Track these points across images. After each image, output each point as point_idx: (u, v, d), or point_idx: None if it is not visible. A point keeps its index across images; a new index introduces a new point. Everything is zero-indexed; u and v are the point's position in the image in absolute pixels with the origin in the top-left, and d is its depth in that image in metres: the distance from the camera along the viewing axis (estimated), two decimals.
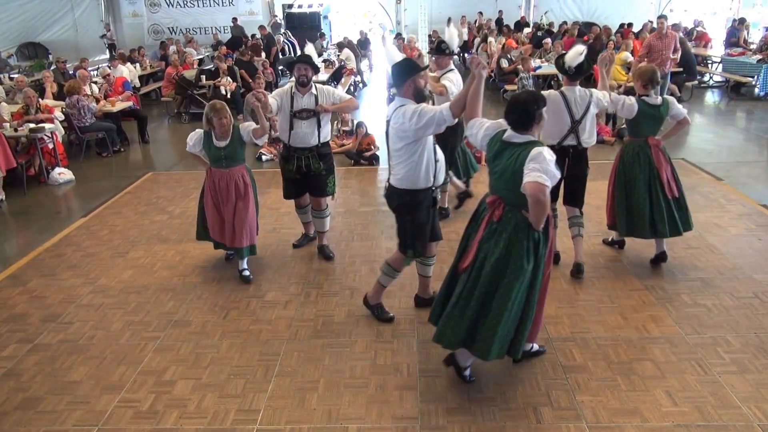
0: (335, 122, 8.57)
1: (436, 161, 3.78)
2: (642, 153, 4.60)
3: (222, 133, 4.65)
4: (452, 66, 5.56)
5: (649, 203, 4.57)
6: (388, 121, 3.75)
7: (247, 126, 4.69)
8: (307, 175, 4.92)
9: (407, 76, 3.60)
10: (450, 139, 5.37)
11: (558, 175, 2.92)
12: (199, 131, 4.78)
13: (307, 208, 5.25)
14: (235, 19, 17.94)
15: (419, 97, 3.63)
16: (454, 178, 5.94)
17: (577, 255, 4.72)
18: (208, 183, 4.81)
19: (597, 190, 5.87)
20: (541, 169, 2.84)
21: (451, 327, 3.20)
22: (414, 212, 3.82)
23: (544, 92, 4.34)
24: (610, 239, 5.29)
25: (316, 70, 4.97)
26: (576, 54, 4.33)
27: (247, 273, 4.85)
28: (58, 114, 8.15)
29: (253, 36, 15.97)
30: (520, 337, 3.19)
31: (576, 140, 4.46)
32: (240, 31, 17.07)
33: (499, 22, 17.97)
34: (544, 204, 2.87)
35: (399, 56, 3.86)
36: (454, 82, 5.30)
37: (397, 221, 3.94)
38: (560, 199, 4.75)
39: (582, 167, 4.58)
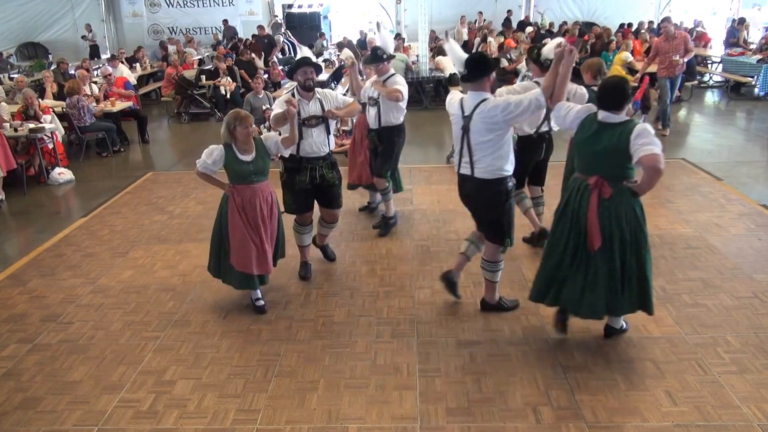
0: (335, 122, 8.56)
1: None
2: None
3: (247, 146, 4.10)
4: (392, 70, 5.44)
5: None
6: (467, 117, 3.74)
7: (272, 136, 4.26)
8: (318, 187, 4.61)
9: (488, 71, 3.72)
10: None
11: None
12: (217, 147, 4.13)
13: (310, 226, 4.83)
14: (225, 21, 17.95)
15: (493, 90, 3.87)
16: None
17: (539, 225, 5.14)
18: (235, 203, 4.12)
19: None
20: (652, 142, 3.18)
21: (602, 298, 3.51)
22: (508, 198, 3.89)
23: (520, 84, 4.60)
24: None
25: (320, 71, 4.86)
26: (554, 46, 4.30)
27: (261, 302, 4.40)
28: (47, 118, 8.09)
29: (253, 36, 15.96)
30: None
31: (548, 126, 4.77)
32: (232, 33, 17.05)
33: (507, 22, 17.88)
34: (661, 172, 3.21)
35: (463, 53, 3.87)
36: (403, 85, 5.24)
37: (489, 213, 3.95)
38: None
39: (551, 150, 4.99)
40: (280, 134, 4.31)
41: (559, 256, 3.59)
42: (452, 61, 3.99)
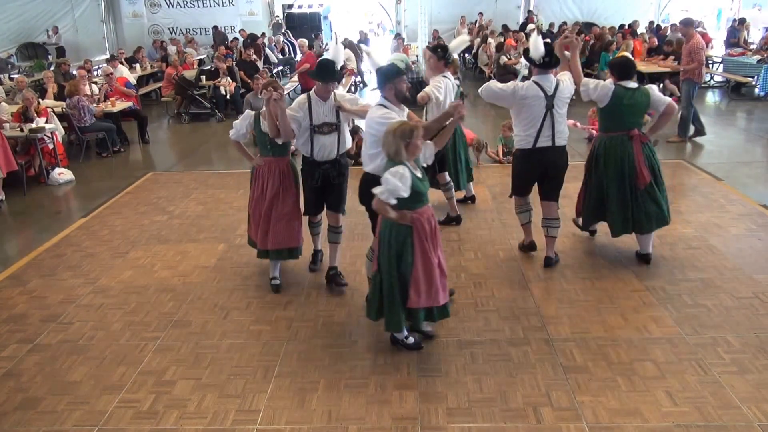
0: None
1: None
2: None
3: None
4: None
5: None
6: (551, 96, 4.46)
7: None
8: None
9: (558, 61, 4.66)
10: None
11: None
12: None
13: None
14: (215, 27, 17.95)
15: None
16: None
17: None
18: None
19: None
20: (663, 95, 4.70)
21: (651, 220, 4.67)
22: None
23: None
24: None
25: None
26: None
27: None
28: (40, 120, 8.07)
29: (254, 36, 15.98)
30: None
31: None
32: (221, 38, 17.05)
33: (523, 26, 17.75)
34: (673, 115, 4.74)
35: (542, 46, 4.46)
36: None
37: (562, 174, 4.72)
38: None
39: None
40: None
41: (606, 193, 4.70)
42: (534, 49, 4.49)
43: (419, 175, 3.48)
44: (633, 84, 4.62)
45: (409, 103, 3.99)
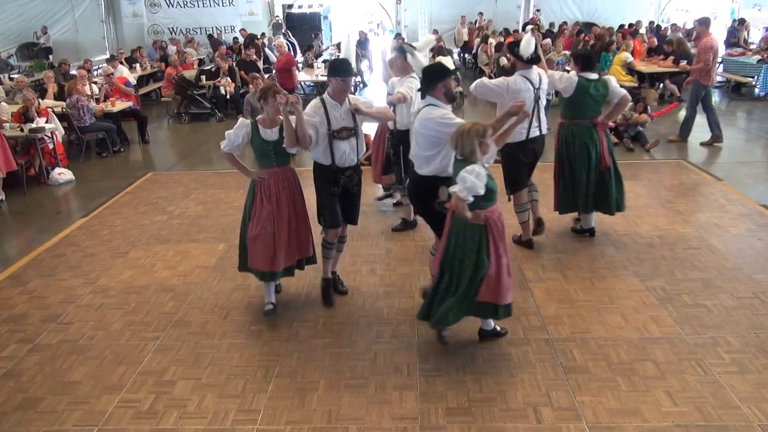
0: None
1: None
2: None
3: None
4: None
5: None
6: (538, 88, 4.75)
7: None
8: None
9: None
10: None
11: None
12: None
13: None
14: (210, 36, 17.93)
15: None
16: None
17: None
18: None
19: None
20: (619, 87, 5.03)
21: (611, 202, 5.15)
22: None
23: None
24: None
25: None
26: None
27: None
28: (40, 121, 8.07)
29: (252, 36, 15.96)
30: None
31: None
32: (217, 45, 17.04)
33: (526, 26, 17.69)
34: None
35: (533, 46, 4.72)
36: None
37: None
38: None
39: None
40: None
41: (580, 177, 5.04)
42: (525, 47, 4.68)
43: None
44: (594, 75, 4.95)
45: (452, 101, 4.00)
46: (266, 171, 4.09)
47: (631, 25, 15.97)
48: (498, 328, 3.91)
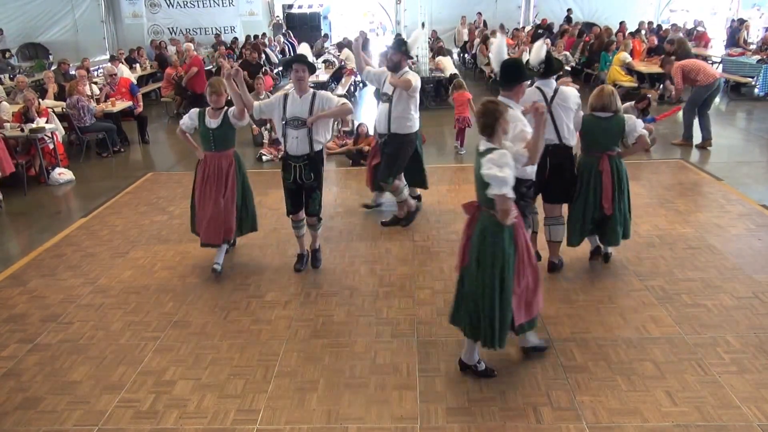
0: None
1: None
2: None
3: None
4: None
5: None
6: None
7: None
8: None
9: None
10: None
11: None
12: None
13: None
14: (217, 36, 17.94)
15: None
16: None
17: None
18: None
19: None
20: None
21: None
22: None
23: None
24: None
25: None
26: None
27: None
28: (41, 121, 8.05)
29: (254, 36, 15.96)
30: None
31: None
32: (218, 45, 17.06)
33: (568, 20, 17.57)
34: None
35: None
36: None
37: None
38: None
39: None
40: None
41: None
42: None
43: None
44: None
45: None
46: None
47: (623, 22, 15.91)
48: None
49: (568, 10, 18.10)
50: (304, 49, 4.93)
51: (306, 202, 4.81)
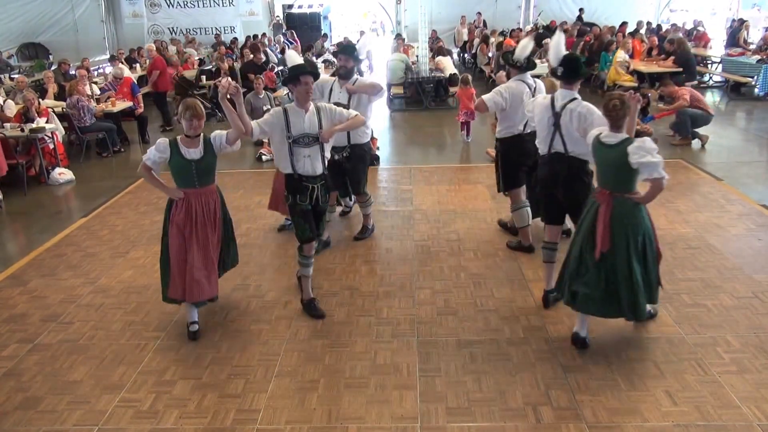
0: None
1: None
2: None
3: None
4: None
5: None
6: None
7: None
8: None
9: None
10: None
11: None
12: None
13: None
14: (217, 36, 17.92)
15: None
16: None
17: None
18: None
19: None
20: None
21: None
22: None
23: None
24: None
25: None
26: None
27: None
28: (41, 121, 8.05)
29: (254, 35, 15.96)
30: None
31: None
32: (217, 46, 17.06)
33: (579, 19, 17.51)
34: None
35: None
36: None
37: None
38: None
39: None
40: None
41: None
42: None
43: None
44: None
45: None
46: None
47: (625, 23, 15.92)
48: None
49: (580, 9, 18.03)
50: (293, 57, 4.34)
51: (318, 224, 4.22)
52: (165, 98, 10.91)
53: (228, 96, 3.74)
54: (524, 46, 4.78)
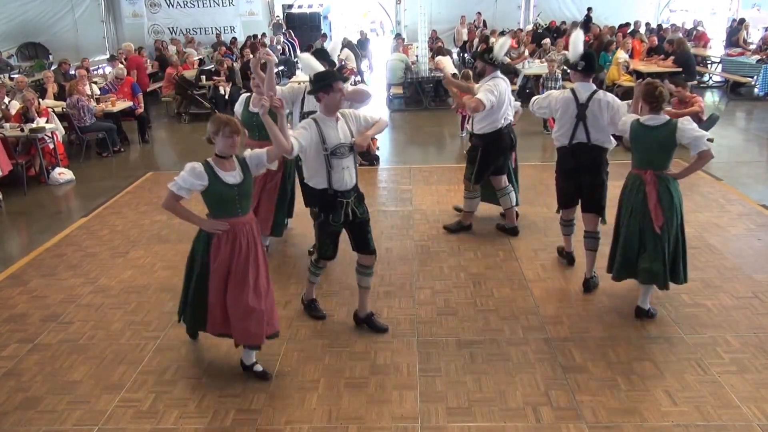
0: None
1: None
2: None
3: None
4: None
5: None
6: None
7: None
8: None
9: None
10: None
11: None
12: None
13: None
14: (218, 36, 17.94)
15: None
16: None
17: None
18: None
19: None
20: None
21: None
22: None
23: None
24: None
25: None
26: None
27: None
28: (41, 121, 8.04)
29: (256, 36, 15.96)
30: None
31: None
32: (217, 46, 17.08)
33: (588, 19, 17.45)
34: None
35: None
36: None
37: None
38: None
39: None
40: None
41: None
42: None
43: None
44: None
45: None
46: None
47: (627, 24, 15.92)
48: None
49: (588, 9, 17.92)
50: (311, 63, 4.03)
51: (362, 239, 3.91)
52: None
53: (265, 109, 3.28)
54: (502, 45, 5.02)
